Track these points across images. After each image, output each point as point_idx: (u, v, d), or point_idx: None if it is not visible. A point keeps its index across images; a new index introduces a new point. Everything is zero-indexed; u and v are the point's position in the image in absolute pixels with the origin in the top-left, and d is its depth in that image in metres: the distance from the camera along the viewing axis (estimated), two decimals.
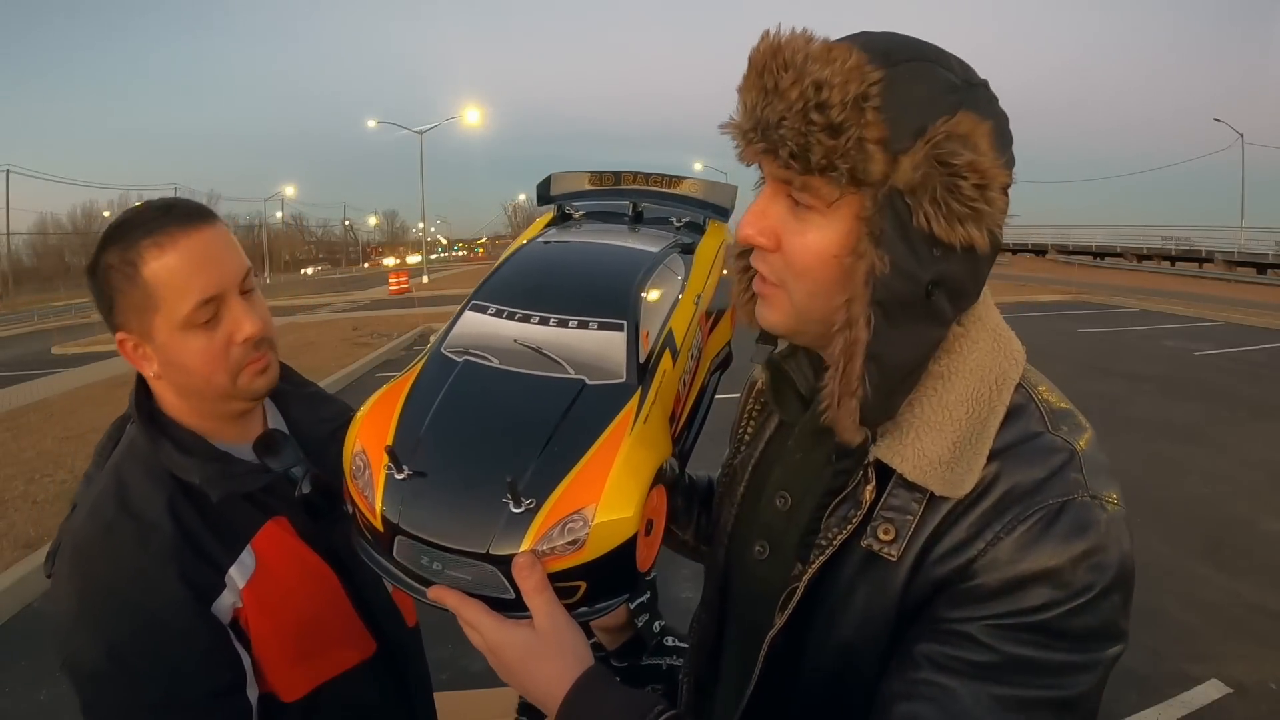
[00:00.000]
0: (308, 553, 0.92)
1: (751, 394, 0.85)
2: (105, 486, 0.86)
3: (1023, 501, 0.58)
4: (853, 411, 0.60)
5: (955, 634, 0.57)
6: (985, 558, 0.57)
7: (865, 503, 0.63)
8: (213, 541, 0.85)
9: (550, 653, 0.65)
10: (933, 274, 0.58)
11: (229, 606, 0.84)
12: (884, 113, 0.55)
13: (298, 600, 0.89)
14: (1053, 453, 0.60)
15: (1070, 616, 0.56)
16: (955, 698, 0.55)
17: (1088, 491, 0.58)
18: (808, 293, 0.63)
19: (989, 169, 0.56)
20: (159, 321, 0.83)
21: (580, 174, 1.09)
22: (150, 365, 0.87)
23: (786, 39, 0.58)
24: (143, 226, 0.83)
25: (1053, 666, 0.56)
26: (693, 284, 0.90)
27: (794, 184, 0.60)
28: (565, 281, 0.86)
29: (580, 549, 0.67)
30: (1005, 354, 0.65)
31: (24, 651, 3.13)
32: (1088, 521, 0.57)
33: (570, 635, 0.66)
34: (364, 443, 0.75)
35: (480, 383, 0.77)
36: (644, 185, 1.08)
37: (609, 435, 0.72)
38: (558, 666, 0.65)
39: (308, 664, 0.90)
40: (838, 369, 0.60)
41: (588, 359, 0.78)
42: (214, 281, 0.84)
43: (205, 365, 0.85)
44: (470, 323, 0.83)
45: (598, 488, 0.68)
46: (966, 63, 0.61)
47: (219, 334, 0.85)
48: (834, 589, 0.64)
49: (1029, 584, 0.56)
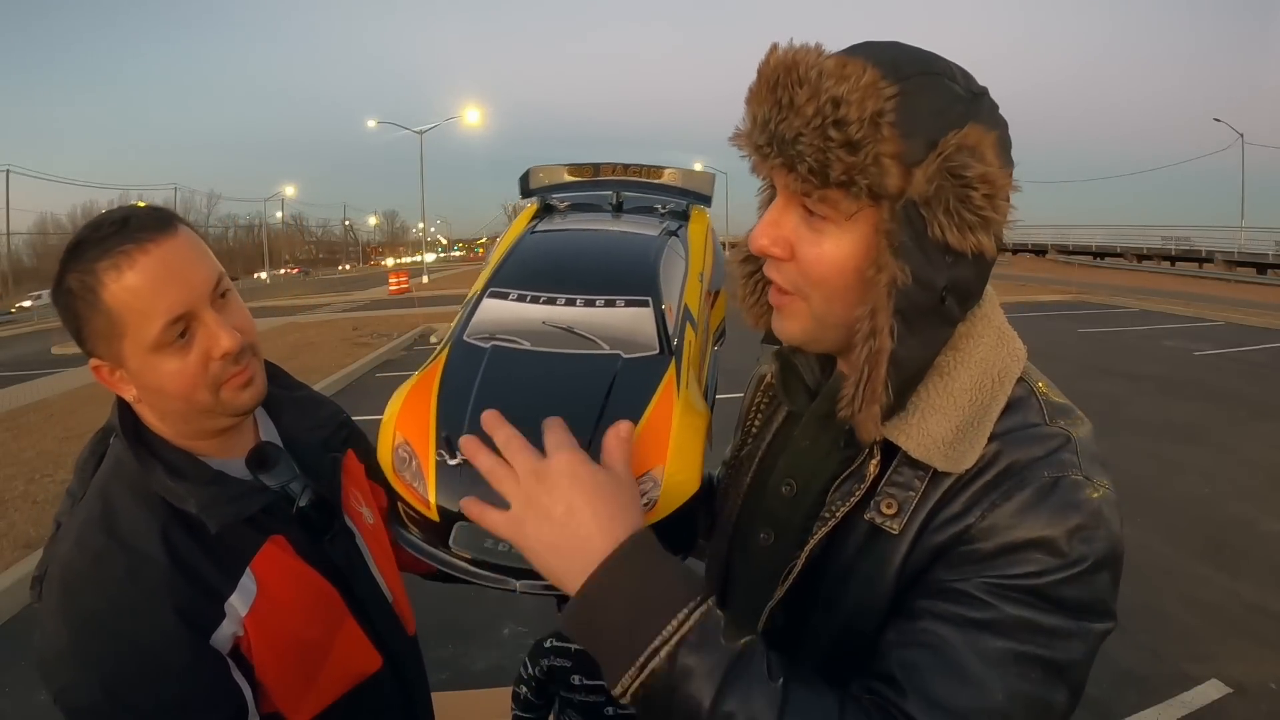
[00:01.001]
0: (308, 571, 0.88)
1: (759, 388, 0.87)
2: (91, 512, 0.80)
3: (1019, 474, 0.61)
4: (876, 416, 0.62)
5: (953, 590, 0.59)
6: (983, 523, 0.60)
7: (869, 477, 0.65)
8: (210, 570, 0.80)
9: (620, 497, 0.61)
10: (946, 280, 0.61)
11: (229, 636, 0.80)
12: (899, 128, 0.57)
13: (301, 622, 0.85)
14: (1050, 437, 0.63)
15: (1063, 585, 0.58)
16: (951, 646, 0.58)
17: (1081, 472, 0.61)
18: (825, 300, 0.65)
19: (997, 178, 0.59)
20: (128, 346, 0.78)
21: (559, 167, 1.11)
22: (128, 389, 0.83)
23: (799, 53, 0.60)
24: (98, 246, 0.77)
25: (1045, 628, 0.58)
26: (694, 263, 0.93)
27: (811, 196, 0.61)
28: (583, 264, 0.88)
29: (653, 509, 0.70)
30: (1008, 351, 0.67)
31: (24, 651, 3.13)
32: (1080, 498, 0.60)
33: (619, 486, 0.62)
34: (405, 435, 0.75)
35: (515, 365, 0.78)
36: (623, 176, 1.09)
37: (659, 401, 0.75)
38: (616, 510, 0.60)
39: (314, 686, 0.86)
40: (862, 377, 0.62)
41: (620, 334, 0.80)
42: (180, 299, 0.78)
43: (183, 386, 0.80)
44: (491, 309, 0.84)
45: (662, 449, 0.71)
46: (967, 72, 0.63)
47: (194, 352, 0.79)
48: (836, 562, 0.66)
49: (1024, 549, 0.58)
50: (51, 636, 0.77)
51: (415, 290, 22.99)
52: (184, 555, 0.79)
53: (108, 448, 0.87)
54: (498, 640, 2.84)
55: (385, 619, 0.98)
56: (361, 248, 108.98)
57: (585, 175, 1.10)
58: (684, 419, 0.74)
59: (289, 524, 0.88)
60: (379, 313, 16.75)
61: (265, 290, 39.28)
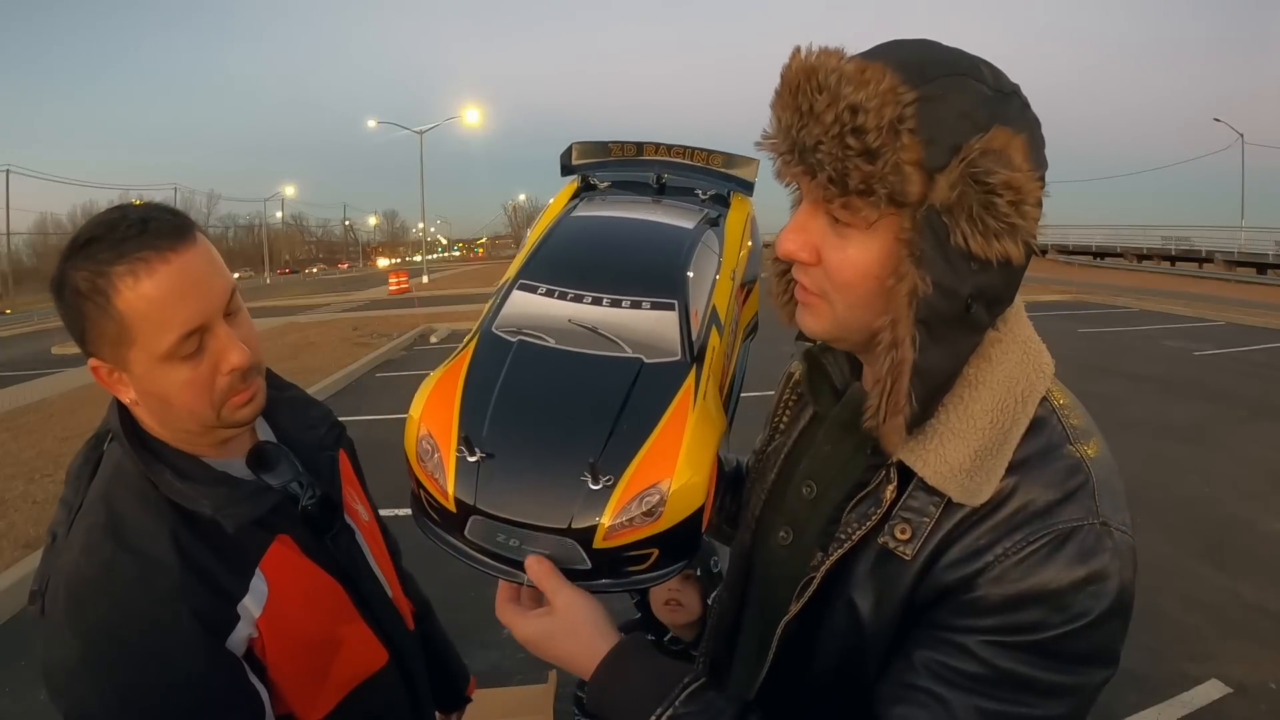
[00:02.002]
0: (315, 569, 0.87)
1: (789, 385, 0.89)
2: (96, 519, 0.78)
3: (1034, 523, 0.59)
4: (900, 428, 0.62)
5: (953, 645, 0.60)
6: (991, 572, 0.59)
7: (886, 501, 0.65)
8: (222, 572, 0.79)
9: (568, 632, 0.70)
10: (971, 288, 0.60)
11: (244, 639, 0.79)
12: (919, 134, 0.56)
13: (311, 621, 0.85)
14: (1070, 475, 0.61)
15: (1064, 640, 0.58)
16: (947, 706, 0.58)
17: (1098, 518, 0.60)
18: (849, 305, 0.64)
19: (1023, 185, 0.57)
20: (135, 354, 0.76)
21: (601, 144, 1.10)
22: (127, 392, 0.80)
23: (819, 58, 0.59)
24: (114, 248, 0.74)
25: (1041, 686, 0.58)
26: (727, 259, 0.93)
27: (834, 203, 0.61)
28: (613, 261, 0.88)
29: (656, 520, 0.71)
30: (1034, 366, 0.66)
31: (24, 651, 3.13)
32: (1093, 549, 0.59)
33: (585, 613, 0.70)
34: (429, 426, 0.76)
35: (539, 363, 0.79)
36: (666, 156, 1.08)
37: (674, 411, 0.75)
38: (578, 645, 0.70)
39: (326, 683, 0.86)
40: (885, 388, 0.62)
41: (643, 338, 0.80)
42: (198, 312, 0.76)
43: (187, 398, 0.78)
44: (520, 302, 0.85)
45: (671, 462, 0.72)
46: (998, 69, 0.61)
47: (203, 365, 0.78)
48: (849, 581, 0.67)
49: (1028, 603, 0.58)
50: (60, 649, 0.74)
51: (415, 290, 22.99)
52: (196, 558, 0.77)
53: (102, 455, 0.84)
54: (497, 640, 2.84)
55: (388, 614, 0.99)
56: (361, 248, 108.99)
57: (628, 154, 1.09)
58: (697, 431, 0.74)
59: (295, 523, 0.88)
60: (379, 313, 16.75)
61: (265, 290, 39.26)
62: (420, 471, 0.76)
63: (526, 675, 2.52)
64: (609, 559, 0.72)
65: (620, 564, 0.73)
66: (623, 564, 0.73)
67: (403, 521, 0.91)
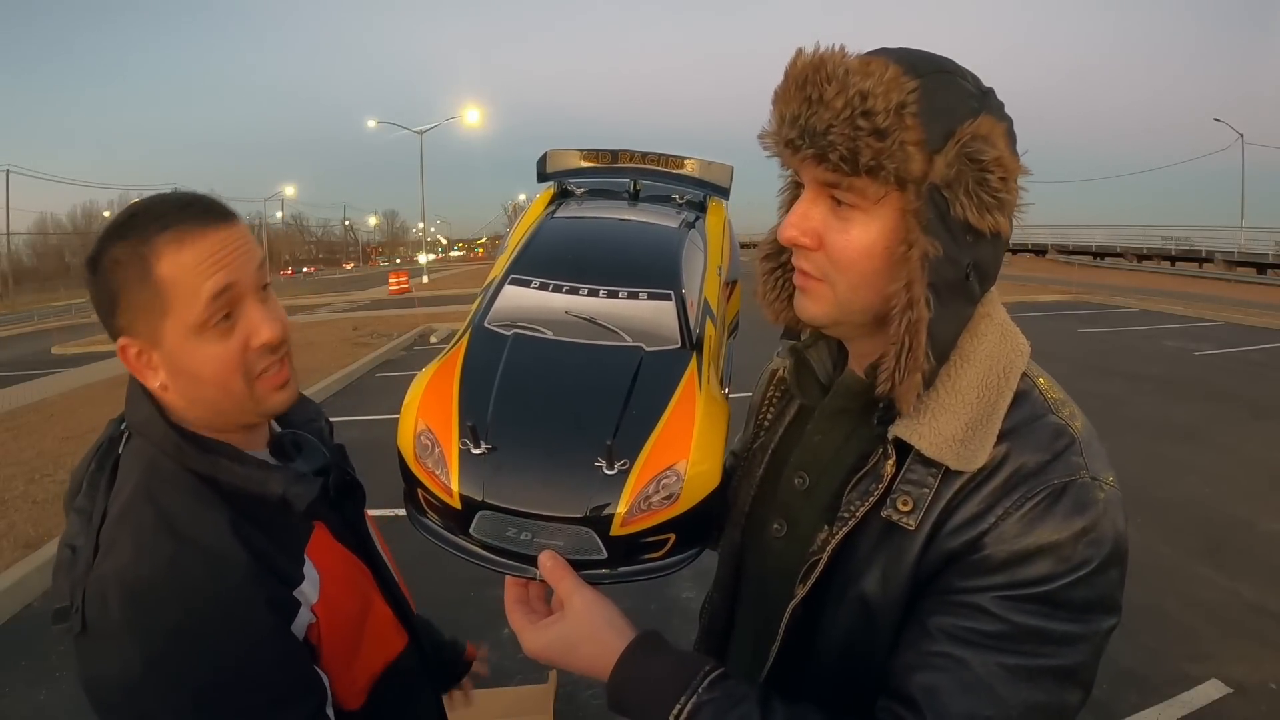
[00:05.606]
0: (348, 554, 0.88)
1: (772, 381, 0.90)
2: (143, 520, 0.74)
3: (1029, 481, 0.64)
4: (917, 385, 0.66)
5: (966, 605, 0.63)
6: (994, 532, 0.63)
7: (886, 476, 0.68)
8: (282, 559, 0.77)
9: (588, 637, 0.70)
10: (970, 258, 0.66)
11: (305, 625, 0.78)
12: (921, 118, 0.62)
13: (353, 604, 0.86)
14: (1056, 437, 0.66)
15: (1071, 588, 0.62)
16: (968, 667, 0.61)
17: (1088, 473, 0.64)
18: (850, 285, 0.68)
19: (1009, 163, 0.64)
20: (169, 325, 0.76)
21: (575, 151, 1.10)
22: (155, 376, 0.79)
23: (825, 54, 0.64)
24: (159, 220, 0.75)
25: (1055, 636, 0.61)
26: (712, 256, 0.94)
27: (840, 185, 0.65)
28: (606, 254, 0.88)
29: (675, 502, 0.71)
30: (1012, 345, 0.71)
31: (24, 651, 3.13)
32: (1087, 501, 0.63)
33: (604, 614, 0.71)
34: (428, 422, 0.76)
35: (537, 354, 0.79)
36: (641, 164, 1.09)
37: (681, 395, 0.76)
38: (599, 648, 0.70)
39: (363, 667, 0.86)
40: (903, 347, 0.65)
41: (642, 327, 0.81)
42: (233, 280, 0.77)
43: (220, 372, 0.77)
44: (512, 296, 0.84)
45: (685, 445, 0.72)
46: (974, 73, 0.68)
47: (235, 338, 0.77)
48: (853, 558, 0.69)
49: (1033, 557, 0.62)
50: (116, 663, 0.70)
51: (415, 290, 22.99)
52: (258, 546, 0.76)
53: (118, 459, 0.82)
54: (497, 640, 2.85)
55: (401, 596, 0.99)
56: (361, 248, 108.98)
57: (603, 161, 1.10)
58: (707, 413, 0.75)
59: (327, 508, 0.87)
60: (379, 313, 16.75)
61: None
62: (419, 468, 0.75)
63: (527, 675, 2.51)
64: (626, 546, 0.71)
65: (637, 551, 0.72)
66: (639, 551, 0.72)
67: (400, 524, 0.91)
